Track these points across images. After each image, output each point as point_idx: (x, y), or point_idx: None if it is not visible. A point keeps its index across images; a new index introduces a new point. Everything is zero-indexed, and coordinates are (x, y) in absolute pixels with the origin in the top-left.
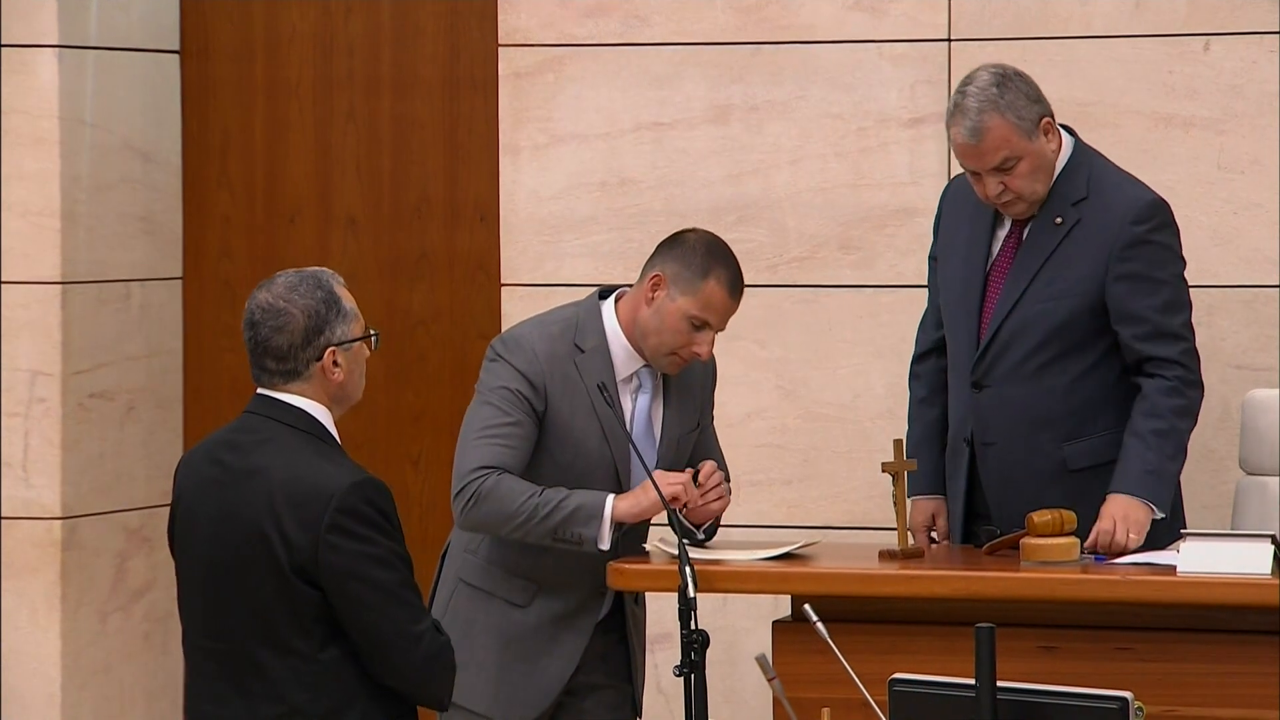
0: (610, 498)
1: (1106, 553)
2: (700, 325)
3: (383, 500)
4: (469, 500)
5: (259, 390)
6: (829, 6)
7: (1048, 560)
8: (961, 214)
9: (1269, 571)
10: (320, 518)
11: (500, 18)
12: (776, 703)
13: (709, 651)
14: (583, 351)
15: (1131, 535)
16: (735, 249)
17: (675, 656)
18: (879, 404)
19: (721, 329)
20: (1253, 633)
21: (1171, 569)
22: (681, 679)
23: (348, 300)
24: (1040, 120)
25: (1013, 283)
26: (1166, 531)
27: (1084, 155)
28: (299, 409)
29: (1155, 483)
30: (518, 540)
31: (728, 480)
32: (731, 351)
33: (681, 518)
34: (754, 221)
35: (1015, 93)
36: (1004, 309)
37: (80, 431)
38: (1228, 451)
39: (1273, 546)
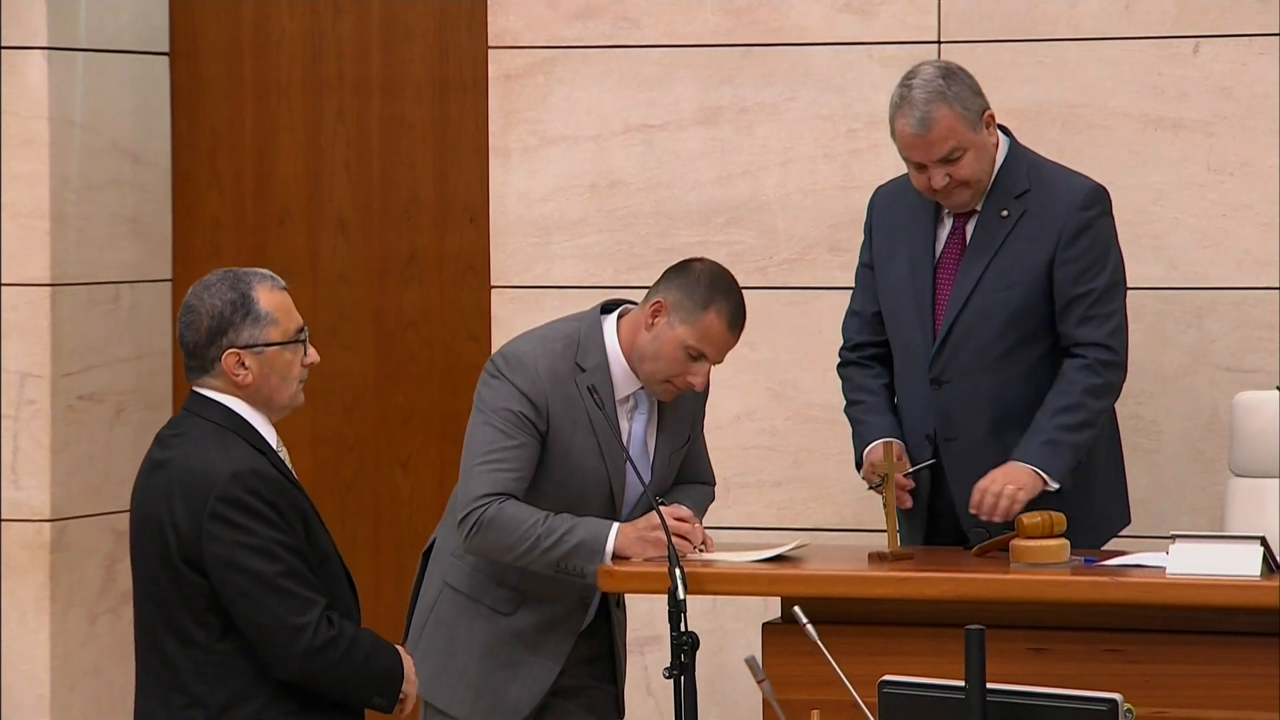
0: (612, 535)
1: (980, 510)
2: (697, 356)
3: (267, 489)
4: (471, 528)
5: (192, 386)
6: (819, 9)
7: (1037, 562)
8: (897, 219)
9: (1258, 573)
10: (203, 506)
11: (490, 19)
12: (766, 705)
13: (699, 653)
14: (584, 370)
15: (1009, 487)
16: (724, 251)
17: (665, 658)
18: None
19: (718, 361)
20: (1242, 634)
21: (1161, 571)
22: (671, 681)
23: (266, 304)
24: (983, 113)
25: (964, 277)
26: (1118, 515)
27: (1020, 151)
28: (219, 403)
29: (1049, 452)
30: (522, 567)
31: (712, 484)
32: None
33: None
34: (743, 223)
35: (960, 85)
36: (957, 303)
37: (69, 433)
38: (1217, 454)
39: (1262, 548)
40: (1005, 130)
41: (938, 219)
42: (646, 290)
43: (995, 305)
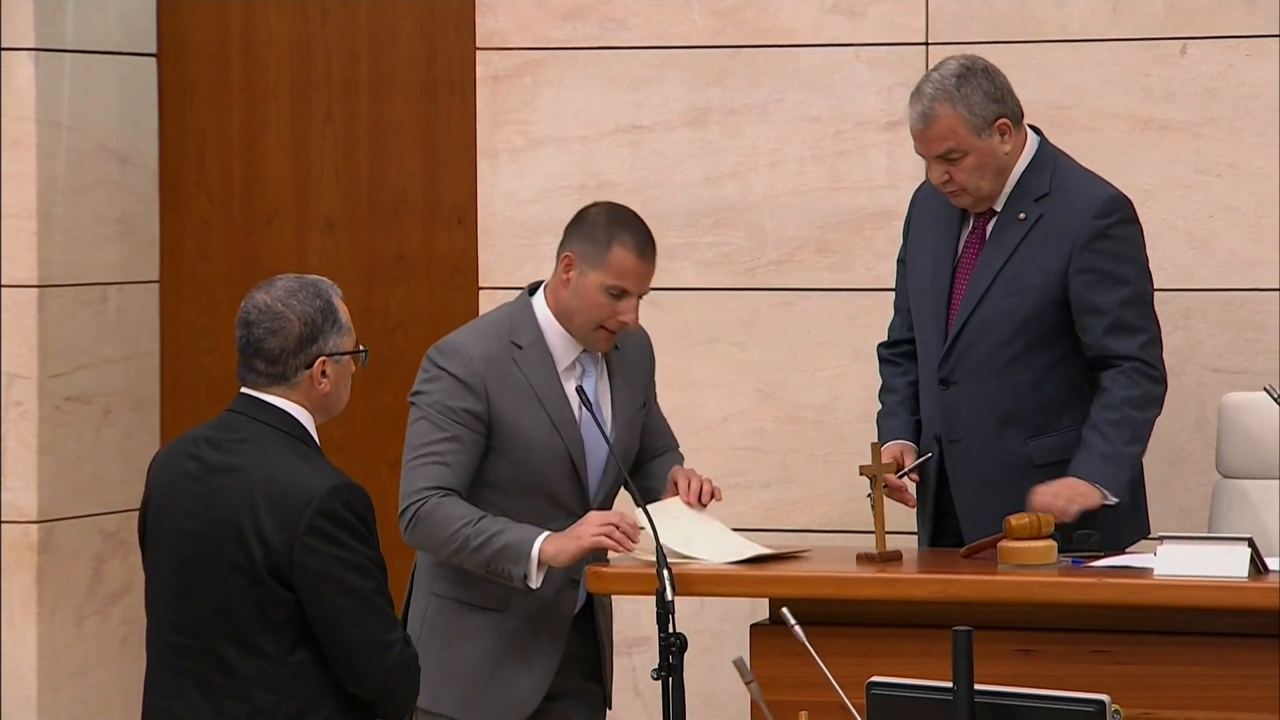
0: (539, 540)
1: (1045, 509)
2: (619, 294)
3: (361, 505)
4: (408, 523)
5: (242, 389)
6: (807, 10)
7: (1025, 563)
8: (929, 216)
9: (1246, 574)
10: (298, 519)
11: (478, 20)
12: (754, 706)
13: (687, 654)
14: (520, 348)
15: (1069, 506)
16: (713, 252)
17: (653, 659)
18: (857, 407)
19: (642, 293)
20: (1230, 635)
21: (1149, 571)
22: (659, 682)
23: (344, 313)
24: (995, 120)
25: (977, 279)
26: (1133, 528)
27: (1048, 154)
28: (281, 410)
29: (1108, 467)
30: (458, 565)
31: (677, 447)
32: (710, 354)
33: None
34: (732, 224)
35: (974, 88)
36: (969, 305)
37: (57, 434)
38: (1205, 454)
39: (1249, 550)
40: (1037, 130)
41: (964, 219)
42: None
43: (1005, 309)
